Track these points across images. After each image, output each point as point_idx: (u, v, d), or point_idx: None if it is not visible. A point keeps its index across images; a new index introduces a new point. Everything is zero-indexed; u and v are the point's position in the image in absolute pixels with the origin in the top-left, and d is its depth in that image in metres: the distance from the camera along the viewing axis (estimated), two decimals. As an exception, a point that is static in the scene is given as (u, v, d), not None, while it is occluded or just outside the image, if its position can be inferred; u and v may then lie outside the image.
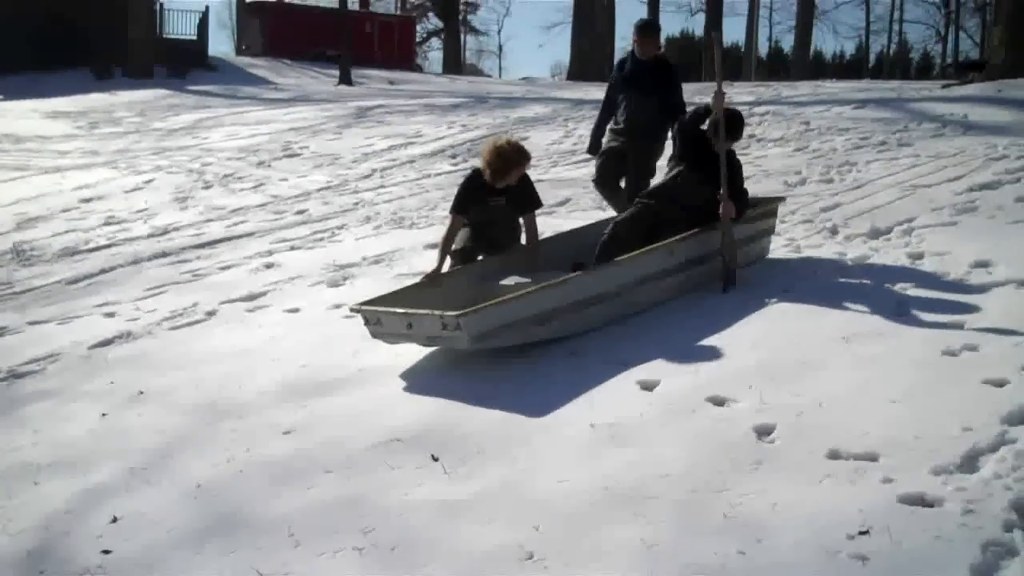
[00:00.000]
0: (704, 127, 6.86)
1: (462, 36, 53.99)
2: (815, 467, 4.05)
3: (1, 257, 10.33)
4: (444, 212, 9.79)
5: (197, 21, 34.46)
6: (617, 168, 7.86)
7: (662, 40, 8.01)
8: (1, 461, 5.24)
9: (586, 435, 4.56)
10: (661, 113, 7.65)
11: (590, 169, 11.18)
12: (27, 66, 29.52)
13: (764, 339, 5.49)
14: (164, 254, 9.59)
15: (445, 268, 6.53)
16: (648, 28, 8.07)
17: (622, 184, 7.86)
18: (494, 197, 6.69)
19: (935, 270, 6.37)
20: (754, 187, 8.18)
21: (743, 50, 43.65)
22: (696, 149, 6.79)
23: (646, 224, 6.64)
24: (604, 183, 8.00)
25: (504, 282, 6.22)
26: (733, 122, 6.79)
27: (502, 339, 5.58)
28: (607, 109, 8.14)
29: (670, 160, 7.12)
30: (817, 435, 4.29)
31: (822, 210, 8.17)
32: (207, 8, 35.01)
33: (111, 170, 14.89)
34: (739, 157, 7.13)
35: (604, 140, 8.07)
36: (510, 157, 6.58)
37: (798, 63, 35.79)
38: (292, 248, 9.23)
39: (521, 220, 6.85)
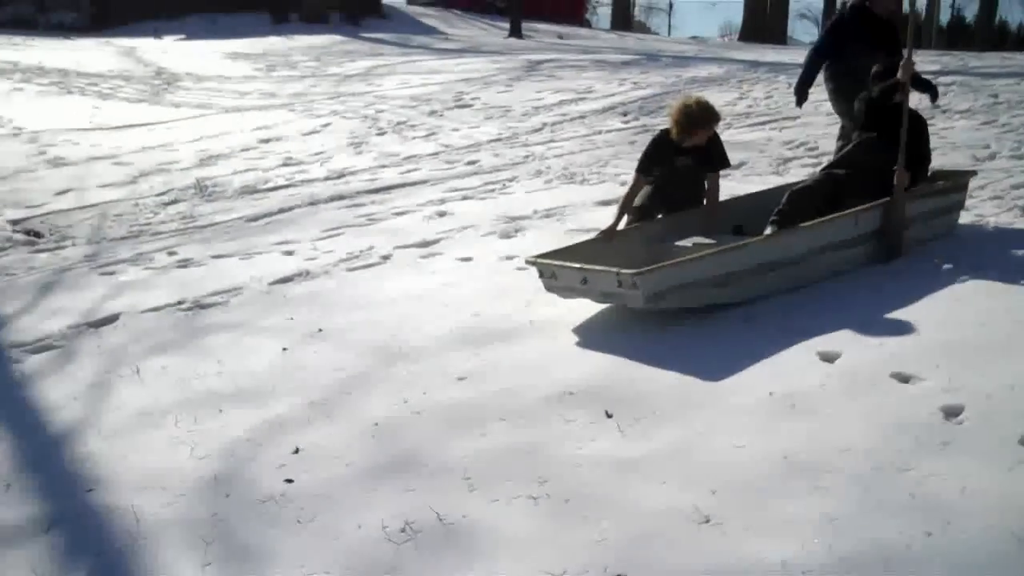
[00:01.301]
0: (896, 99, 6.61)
1: (633, -8, 53.36)
2: (1006, 452, 3.90)
3: (185, 191, 10.73)
4: (615, 169, 9.76)
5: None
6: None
7: None
8: (187, 388, 5.46)
9: (764, 403, 4.49)
10: None
11: (766, 132, 11.01)
12: (206, 7, 30.51)
13: (951, 317, 5.29)
14: (340, 197, 9.81)
15: (621, 226, 6.50)
16: None
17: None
18: (681, 157, 6.61)
19: None
20: (940, 159, 7.88)
21: (923, 17, 41.99)
22: (885, 119, 6.56)
23: (824, 194, 6.46)
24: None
25: (680, 243, 6.15)
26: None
27: (677, 300, 5.53)
28: (819, 62, 7.85)
29: (855, 130, 6.90)
30: (1008, 420, 4.12)
31: (1013, 187, 7.80)
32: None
33: (288, 112, 15.28)
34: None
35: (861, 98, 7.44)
36: (698, 116, 6.49)
37: (982, 32, 34.22)
38: (464, 198, 9.32)
39: (706, 181, 6.75)
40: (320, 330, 6.13)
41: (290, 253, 7.93)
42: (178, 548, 3.84)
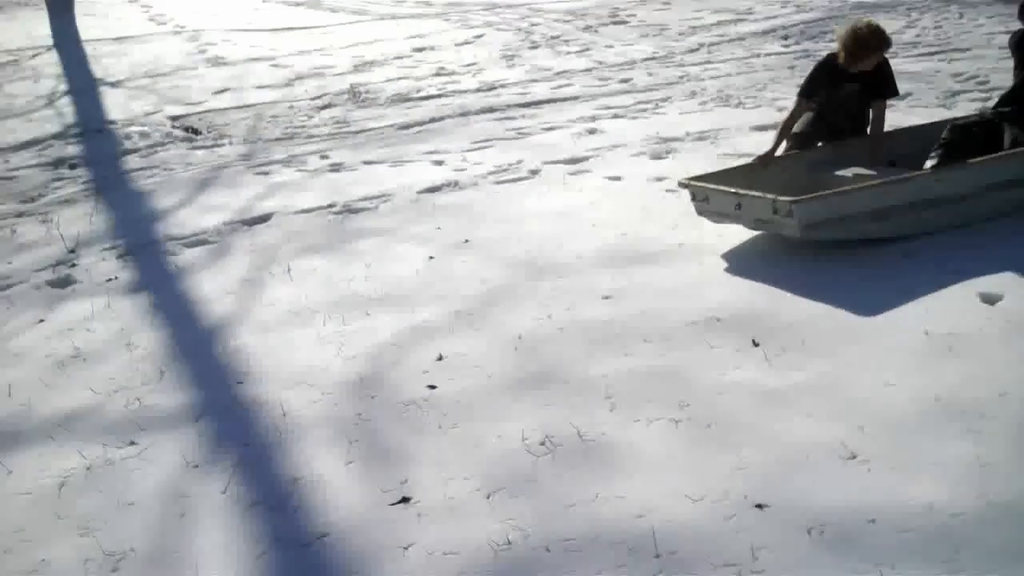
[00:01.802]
0: None
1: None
2: None
3: (339, 96, 10.87)
4: (773, 94, 9.50)
5: None
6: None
7: None
8: (335, 290, 5.58)
9: (919, 342, 4.34)
10: None
11: (934, 64, 10.54)
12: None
13: (1125, 266, 5.02)
14: (491, 109, 9.81)
15: (779, 152, 6.33)
16: None
17: None
18: (847, 83, 6.37)
19: None
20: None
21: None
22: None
23: (989, 131, 6.14)
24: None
25: (840, 172, 5.95)
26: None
27: (833, 231, 5.36)
28: None
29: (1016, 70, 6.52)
30: None
31: None
32: None
33: (443, 22, 15.30)
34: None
35: None
36: (868, 41, 6.22)
37: None
38: (615, 116, 9.20)
39: (870, 109, 6.50)
40: (467, 241, 6.16)
41: (439, 163, 7.98)
42: (323, 445, 3.95)
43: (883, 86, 6.42)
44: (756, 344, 4.45)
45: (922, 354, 4.24)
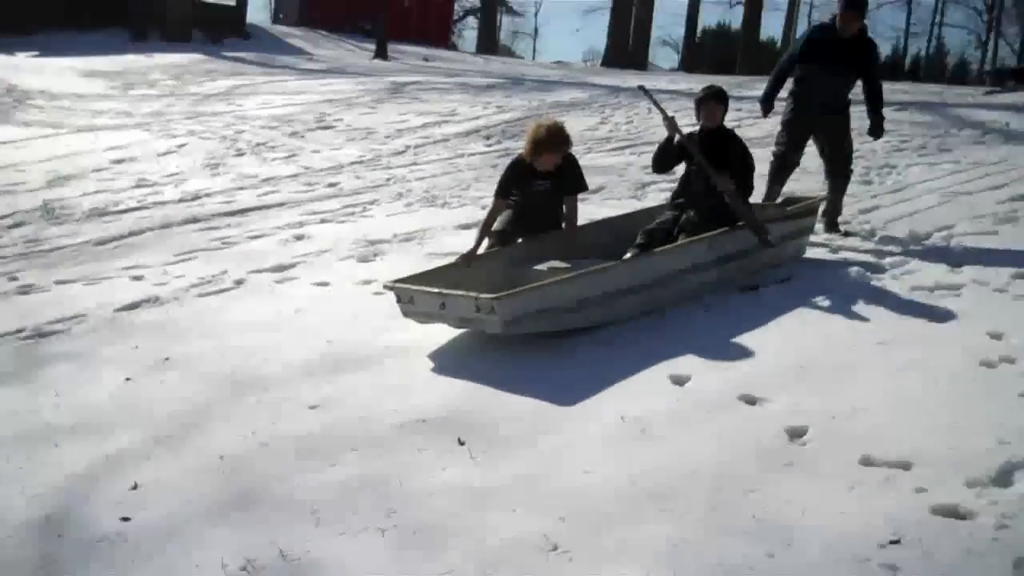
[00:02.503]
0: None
1: (498, 16, 53.74)
2: (847, 473, 3.99)
3: (31, 214, 10.33)
4: (477, 193, 9.75)
5: (236, -13, 34.49)
6: (801, 146, 7.79)
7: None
8: (20, 422, 5.19)
9: (615, 427, 4.50)
10: (850, 90, 7.58)
11: (625, 157, 11.15)
12: (63, 23, 29.61)
13: (798, 340, 5.42)
14: (194, 220, 9.56)
15: (482, 250, 6.48)
16: (854, 3, 7.59)
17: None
18: (538, 181, 6.62)
19: (975, 279, 6.27)
20: (791, 186, 8.07)
21: (779, 46, 43.27)
22: (686, 156, 6.76)
23: (677, 226, 6.57)
24: (786, 162, 7.85)
25: (538, 267, 6.15)
26: (719, 98, 6.77)
27: (535, 325, 5.52)
28: (783, 75, 7.89)
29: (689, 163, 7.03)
30: (850, 440, 4.23)
31: (860, 212, 8.07)
32: (246, -26, 35.01)
33: (144, 132, 14.88)
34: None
35: (790, 111, 7.82)
36: (548, 140, 6.51)
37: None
38: (323, 221, 9.19)
39: (564, 204, 6.77)
40: (167, 359, 5.93)
41: (139, 278, 7.68)
42: (4, 593, 3.65)
43: (572, 182, 6.71)
44: (462, 443, 4.48)
45: (617, 439, 4.39)
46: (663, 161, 6.94)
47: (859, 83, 7.53)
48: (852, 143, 7.76)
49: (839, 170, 7.61)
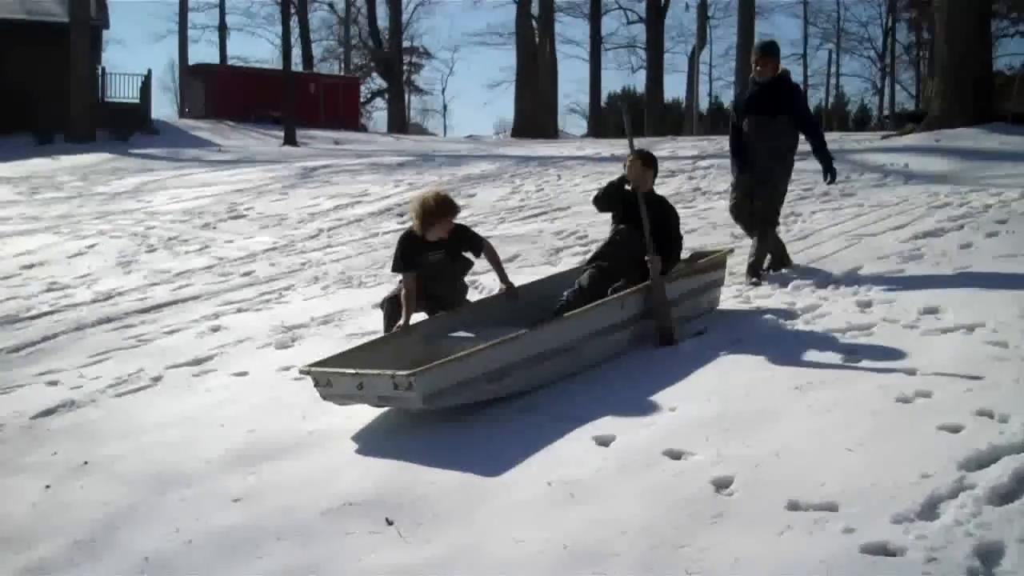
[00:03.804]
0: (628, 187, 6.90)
1: (406, 96, 54.24)
2: (775, 519, 4.01)
3: (-61, 327, 10.09)
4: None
5: (139, 84, 34.42)
6: (748, 199, 7.89)
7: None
8: (-63, 539, 5.05)
9: (543, 493, 4.49)
10: (786, 134, 7.69)
11: (538, 224, 11.26)
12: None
13: (718, 391, 5.47)
14: (108, 320, 9.41)
15: (414, 320, 6.45)
16: (766, 48, 7.89)
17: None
18: (432, 252, 6.61)
19: (885, 317, 6.41)
20: (701, 239, 8.22)
21: (684, 106, 44.24)
22: (628, 207, 6.83)
23: (599, 286, 6.62)
24: (739, 215, 8.03)
25: (455, 336, 6.17)
26: (648, 161, 6.91)
27: (455, 398, 5.50)
28: (736, 137, 8.05)
29: (613, 219, 7.13)
30: (775, 486, 4.26)
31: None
32: (149, 72, 35.06)
33: (53, 235, 14.65)
34: (678, 208, 7.18)
35: (734, 166, 8.03)
36: (436, 209, 6.51)
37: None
38: (239, 310, 9.10)
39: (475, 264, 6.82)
40: (86, 463, 5.79)
41: (54, 383, 7.51)
42: None
43: (470, 244, 6.74)
44: (390, 523, 4.43)
45: (546, 505, 4.38)
46: (609, 199, 7.01)
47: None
48: (781, 193, 7.90)
49: (762, 218, 7.78)
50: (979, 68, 15.99)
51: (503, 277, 6.85)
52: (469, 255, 6.87)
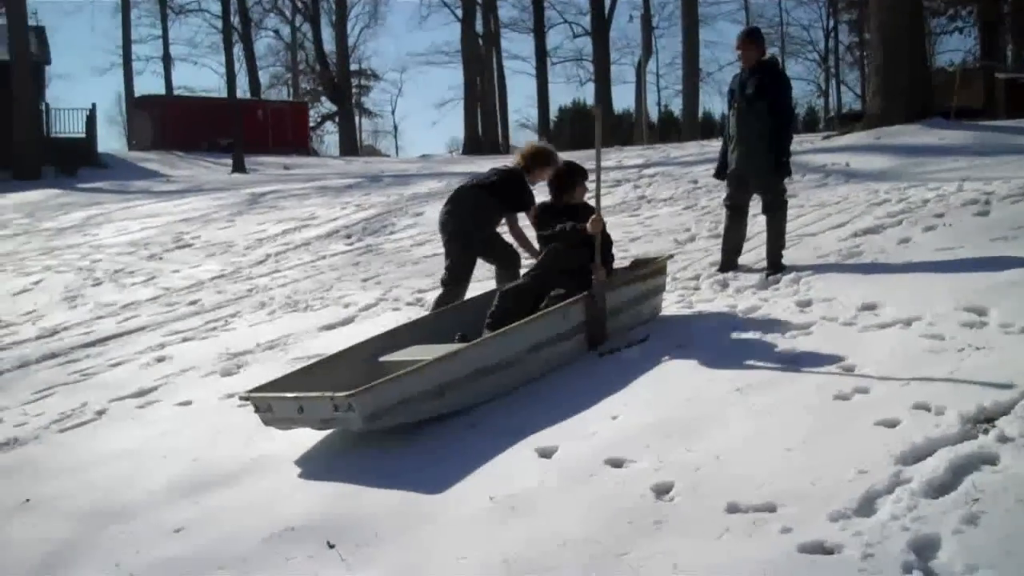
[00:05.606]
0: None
1: (356, 118, 54.17)
2: (714, 522, 4.02)
3: None
4: (339, 293, 9.72)
5: (85, 119, 34.10)
6: (742, 192, 8.01)
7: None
8: None
9: (485, 509, 4.47)
10: (770, 116, 7.70)
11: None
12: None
13: (659, 397, 5.48)
14: (53, 355, 9.29)
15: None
16: (747, 35, 8.03)
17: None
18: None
19: (824, 316, 6.45)
20: (645, 246, 8.26)
21: (633, 116, 44.49)
22: (560, 219, 6.89)
23: (533, 294, 6.63)
24: (735, 209, 8.10)
25: (396, 357, 6.12)
26: (572, 175, 7.08)
27: (397, 416, 5.46)
28: (728, 131, 8.13)
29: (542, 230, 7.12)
30: (715, 490, 4.26)
31: (711, 265, 8.26)
32: (93, 106, 34.73)
33: (-3, 273, 14.48)
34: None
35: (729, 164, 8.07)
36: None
37: (688, 125, 36.43)
38: (184, 340, 9.02)
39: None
40: (27, 500, 5.70)
41: (-4, 422, 7.41)
42: None
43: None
44: (331, 546, 4.38)
45: (489, 520, 4.35)
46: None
47: None
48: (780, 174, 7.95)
49: (767, 210, 7.87)
50: (915, 65, 16.19)
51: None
52: None
